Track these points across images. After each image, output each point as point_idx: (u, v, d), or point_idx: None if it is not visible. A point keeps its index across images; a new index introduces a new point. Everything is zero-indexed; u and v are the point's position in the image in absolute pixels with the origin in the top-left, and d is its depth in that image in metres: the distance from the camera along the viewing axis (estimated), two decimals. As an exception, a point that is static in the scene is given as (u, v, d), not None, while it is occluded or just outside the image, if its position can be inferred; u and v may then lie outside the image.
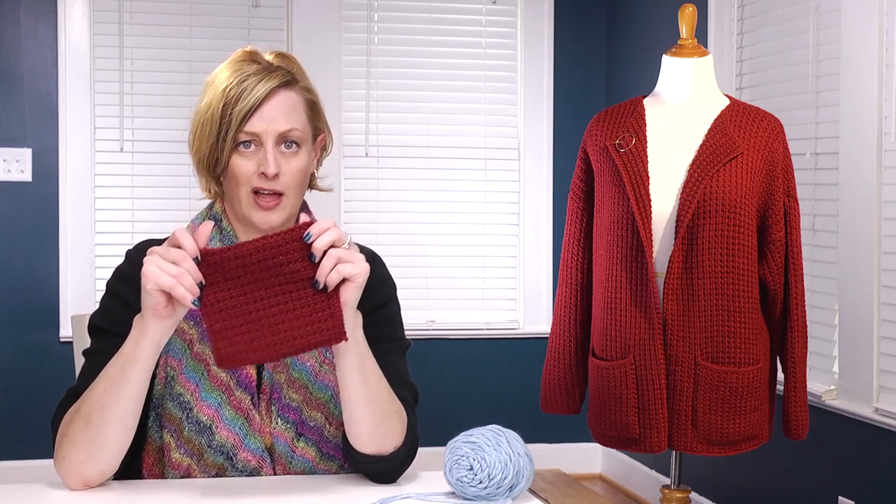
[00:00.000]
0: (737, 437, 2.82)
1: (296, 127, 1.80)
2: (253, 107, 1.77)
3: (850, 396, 3.33)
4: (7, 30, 4.47)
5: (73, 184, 4.51)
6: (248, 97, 1.77)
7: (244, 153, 1.79)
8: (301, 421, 1.79)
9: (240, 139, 1.78)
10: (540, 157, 4.88)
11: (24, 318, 4.50)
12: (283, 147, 1.80)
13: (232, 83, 1.78)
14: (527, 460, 1.65)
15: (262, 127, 1.78)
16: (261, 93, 1.77)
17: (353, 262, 1.61)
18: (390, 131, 4.78)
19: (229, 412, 1.76)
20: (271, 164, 1.77)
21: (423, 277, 4.80)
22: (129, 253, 1.89)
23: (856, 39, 3.28)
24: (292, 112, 1.80)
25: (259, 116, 1.77)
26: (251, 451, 1.76)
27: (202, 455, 1.76)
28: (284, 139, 1.79)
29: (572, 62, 4.93)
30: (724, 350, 2.77)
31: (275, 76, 1.79)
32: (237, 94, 1.77)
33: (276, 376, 1.80)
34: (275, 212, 1.80)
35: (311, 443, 1.80)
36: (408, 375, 1.87)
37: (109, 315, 1.82)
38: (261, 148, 1.78)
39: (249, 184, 1.79)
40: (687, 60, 2.92)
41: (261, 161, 1.78)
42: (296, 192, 1.82)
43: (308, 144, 1.83)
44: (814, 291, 3.47)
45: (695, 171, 2.77)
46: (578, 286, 3.01)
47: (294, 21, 4.64)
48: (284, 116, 1.79)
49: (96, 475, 1.69)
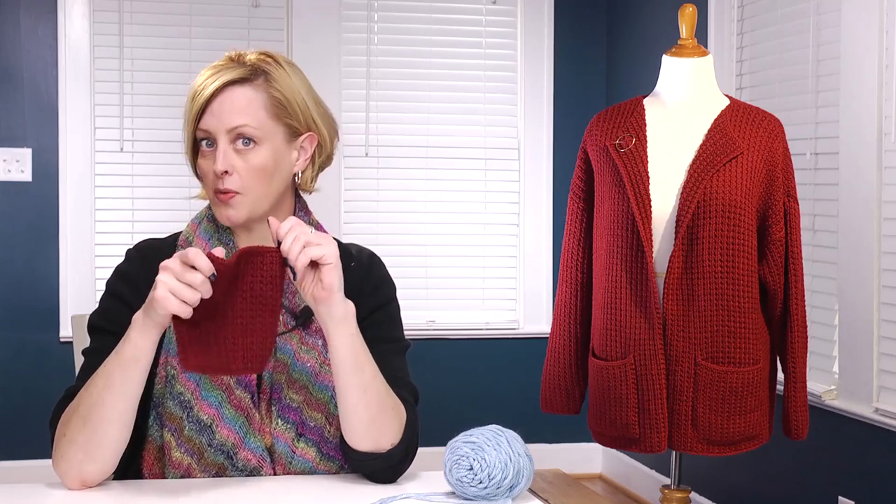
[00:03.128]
0: (737, 437, 2.82)
1: (247, 123, 1.78)
2: (205, 103, 1.78)
3: (850, 396, 3.33)
4: (7, 30, 4.47)
5: (73, 184, 4.51)
6: (200, 95, 1.78)
7: (205, 152, 1.81)
8: (301, 421, 1.79)
9: (198, 136, 1.80)
10: (540, 157, 4.88)
11: (24, 318, 4.50)
12: (240, 144, 1.78)
13: (198, 81, 1.80)
14: (527, 460, 1.65)
15: (213, 124, 1.78)
16: (210, 89, 1.77)
17: (319, 245, 1.62)
18: (390, 131, 4.78)
19: (230, 411, 1.76)
20: (219, 161, 1.77)
21: (423, 277, 4.80)
22: (129, 252, 1.89)
23: (856, 39, 3.28)
24: (246, 108, 1.78)
25: (210, 112, 1.78)
26: (251, 450, 1.76)
27: (202, 454, 1.76)
28: (238, 136, 1.78)
29: (572, 62, 4.93)
30: (724, 350, 2.77)
31: (229, 72, 1.79)
32: (197, 91, 1.79)
33: (276, 376, 1.80)
34: (231, 206, 1.79)
35: (311, 443, 1.80)
36: (408, 376, 1.87)
37: (108, 315, 1.82)
38: (217, 147, 1.79)
39: (212, 185, 1.80)
40: (687, 60, 2.92)
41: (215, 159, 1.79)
42: (256, 190, 1.80)
43: (271, 142, 1.80)
44: (814, 291, 3.47)
45: (695, 171, 2.77)
46: (578, 286, 3.01)
47: (294, 21, 4.64)
48: (236, 112, 1.77)
49: (95, 474, 1.69)
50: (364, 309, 1.84)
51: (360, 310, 1.78)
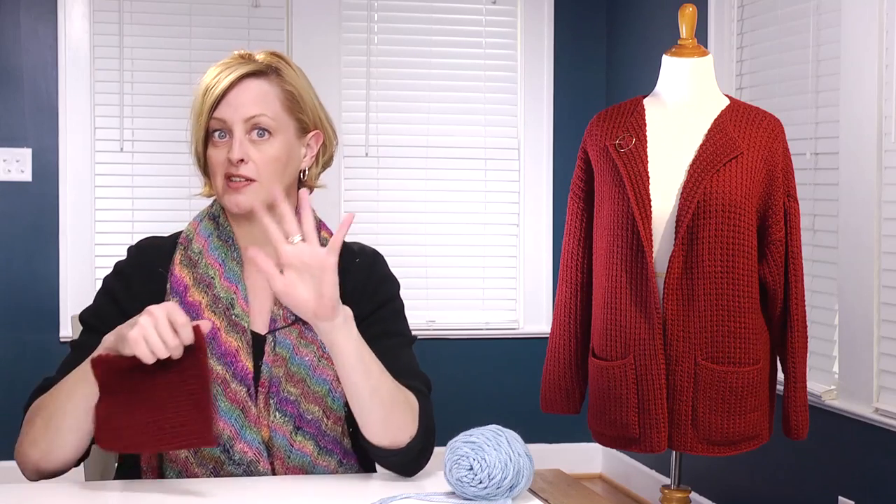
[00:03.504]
0: (737, 437, 2.82)
1: (264, 113, 1.82)
2: (221, 94, 1.81)
3: (850, 396, 3.33)
4: (7, 30, 4.47)
5: (73, 184, 4.51)
6: (217, 85, 1.82)
7: (217, 143, 1.83)
8: (299, 415, 1.80)
9: (212, 127, 1.83)
10: (540, 157, 4.88)
11: (24, 318, 4.50)
12: (255, 135, 1.82)
13: (207, 78, 1.84)
14: (527, 460, 1.65)
15: (230, 113, 1.81)
16: (228, 80, 1.82)
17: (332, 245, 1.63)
18: (390, 131, 4.78)
19: (225, 404, 1.77)
20: (235, 150, 1.80)
21: (423, 277, 4.80)
22: (130, 250, 1.92)
23: (856, 39, 3.28)
24: (262, 100, 1.83)
25: (226, 103, 1.82)
26: (248, 442, 1.77)
27: (199, 448, 1.76)
28: (254, 126, 1.82)
29: (572, 62, 4.93)
30: (724, 350, 2.77)
31: (246, 66, 1.84)
32: (210, 84, 1.82)
33: (274, 370, 1.81)
34: (243, 193, 1.81)
35: (308, 437, 1.80)
36: (418, 367, 1.89)
37: (98, 312, 1.86)
38: (232, 137, 1.82)
39: (223, 172, 1.82)
40: (687, 60, 2.92)
41: (230, 148, 1.81)
42: (270, 180, 1.82)
43: (284, 134, 1.85)
44: (814, 291, 3.47)
45: (695, 171, 2.77)
46: (578, 286, 3.01)
47: (294, 21, 4.64)
48: (252, 103, 1.82)
49: (50, 472, 1.74)
50: (369, 306, 1.86)
51: (364, 307, 1.81)
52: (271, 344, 1.82)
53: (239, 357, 1.79)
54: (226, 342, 1.80)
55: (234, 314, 1.82)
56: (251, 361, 1.80)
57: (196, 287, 1.83)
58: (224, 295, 1.82)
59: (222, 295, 1.82)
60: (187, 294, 1.83)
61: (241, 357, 1.79)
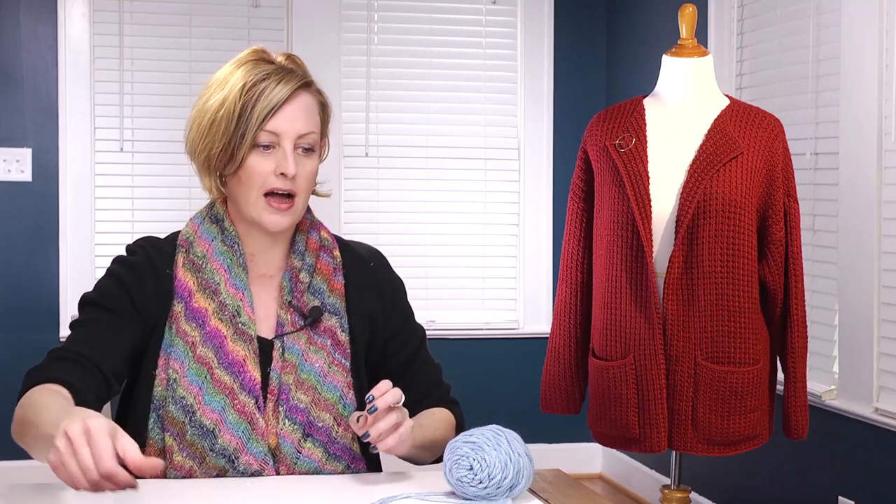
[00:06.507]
0: (737, 437, 2.82)
1: (313, 130, 1.82)
2: (276, 106, 1.78)
3: (850, 396, 3.33)
4: (7, 30, 4.47)
5: (73, 184, 4.50)
6: (270, 96, 1.78)
7: (262, 153, 1.80)
8: (309, 422, 1.79)
9: (260, 139, 1.79)
10: (540, 157, 4.88)
11: (24, 318, 4.50)
12: (301, 150, 1.81)
13: (251, 81, 1.79)
14: (527, 460, 1.65)
15: (284, 127, 1.79)
16: (283, 93, 1.79)
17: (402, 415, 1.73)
18: (390, 131, 4.78)
19: (233, 416, 1.76)
20: (291, 165, 1.78)
21: (423, 277, 4.80)
22: (130, 248, 1.89)
23: (856, 39, 3.28)
24: (311, 115, 1.83)
25: (281, 116, 1.79)
26: (253, 454, 1.76)
27: (204, 458, 1.76)
28: (302, 142, 1.81)
29: (572, 62, 4.93)
30: (724, 350, 2.77)
31: (295, 77, 1.81)
32: (258, 92, 1.78)
33: (284, 377, 1.80)
34: (286, 214, 1.82)
35: (318, 443, 1.80)
36: (440, 373, 1.98)
37: (105, 292, 1.81)
38: (278, 148, 1.79)
39: (264, 185, 1.80)
40: (687, 60, 2.92)
41: (279, 161, 1.79)
42: (306, 196, 1.84)
43: (319, 149, 1.86)
44: (814, 291, 3.47)
45: (695, 171, 2.77)
46: (578, 286, 3.01)
47: (294, 21, 4.64)
48: (305, 119, 1.81)
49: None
50: (392, 324, 1.93)
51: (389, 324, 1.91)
52: (279, 349, 1.82)
53: (246, 367, 1.78)
54: (233, 351, 1.78)
55: (240, 322, 1.80)
56: (258, 371, 1.79)
57: (201, 292, 1.81)
58: (230, 302, 1.81)
59: (228, 302, 1.80)
60: (192, 299, 1.81)
61: (249, 367, 1.78)
